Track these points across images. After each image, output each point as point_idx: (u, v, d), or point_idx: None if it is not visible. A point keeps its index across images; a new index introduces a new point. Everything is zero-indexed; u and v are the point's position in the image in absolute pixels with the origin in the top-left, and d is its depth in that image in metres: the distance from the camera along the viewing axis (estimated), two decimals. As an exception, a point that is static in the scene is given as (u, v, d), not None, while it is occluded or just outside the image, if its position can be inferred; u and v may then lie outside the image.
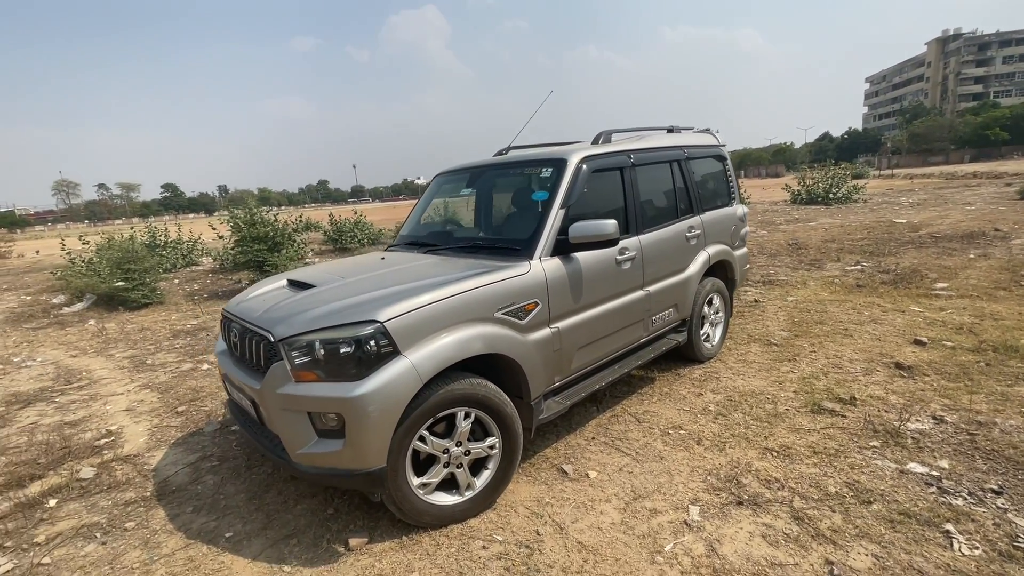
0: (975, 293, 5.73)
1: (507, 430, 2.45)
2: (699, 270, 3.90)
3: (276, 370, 2.14)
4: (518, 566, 2.11)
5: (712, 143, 4.33)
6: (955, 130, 59.57)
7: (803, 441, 2.88)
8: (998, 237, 8.87)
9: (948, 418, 2.97)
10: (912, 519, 2.19)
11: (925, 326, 4.70)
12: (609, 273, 3.08)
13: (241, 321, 2.48)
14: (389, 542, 2.30)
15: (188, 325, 6.83)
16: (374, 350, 2.07)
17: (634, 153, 3.39)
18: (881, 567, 1.96)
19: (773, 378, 3.80)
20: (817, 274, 7.34)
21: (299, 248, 10.42)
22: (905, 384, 3.51)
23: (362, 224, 14.10)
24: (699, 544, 2.17)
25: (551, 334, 2.71)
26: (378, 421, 2.04)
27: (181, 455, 3.25)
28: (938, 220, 11.51)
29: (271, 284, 2.88)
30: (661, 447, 2.97)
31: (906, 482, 2.44)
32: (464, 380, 2.32)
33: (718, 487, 2.55)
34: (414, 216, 3.88)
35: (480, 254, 2.89)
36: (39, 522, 2.60)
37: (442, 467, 2.34)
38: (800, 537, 2.16)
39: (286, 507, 2.62)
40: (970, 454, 2.61)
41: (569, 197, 2.87)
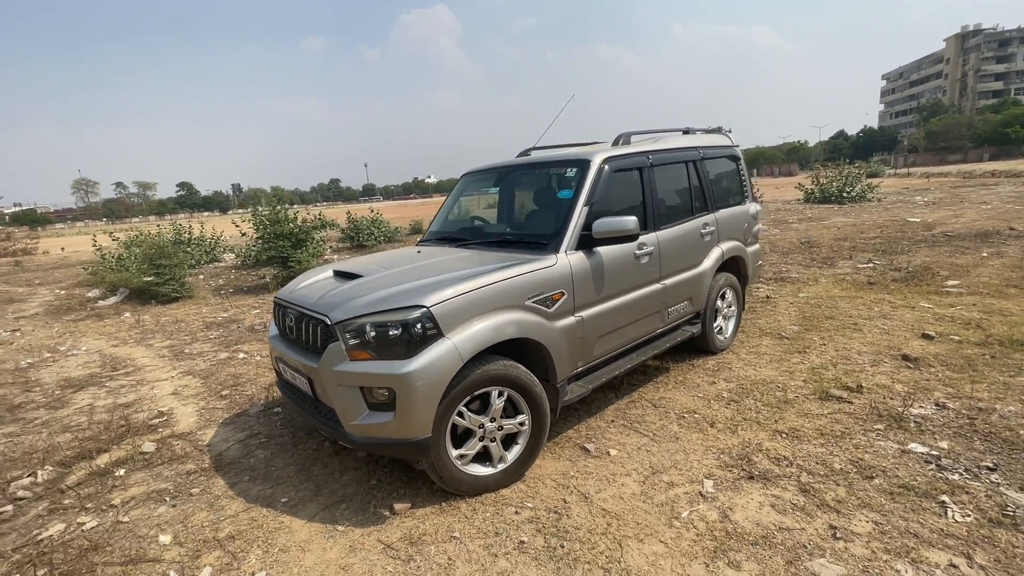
0: (986, 290, 5.83)
1: (536, 408, 2.68)
2: (713, 265, 4.10)
3: (333, 350, 2.39)
4: (548, 528, 2.33)
5: (726, 143, 4.52)
6: (974, 128, 58.63)
7: (811, 424, 3.07)
8: (1012, 236, 8.91)
9: (950, 404, 3.14)
10: (911, 492, 2.38)
11: (934, 321, 4.84)
12: (629, 266, 3.29)
13: (297, 307, 2.73)
14: (430, 507, 2.54)
15: (219, 317, 7.15)
16: (420, 332, 2.31)
17: (652, 154, 3.59)
18: (880, 531, 2.15)
19: (783, 368, 3.98)
20: (829, 271, 7.47)
21: (318, 245, 10.74)
22: (911, 374, 3.68)
23: (378, 222, 14.40)
24: (713, 512, 2.38)
25: (575, 322, 2.93)
26: (424, 395, 2.28)
27: (231, 433, 3.52)
28: (952, 219, 11.52)
29: (319, 275, 3.14)
30: (677, 429, 3.18)
31: (907, 460, 2.63)
32: (498, 362, 2.55)
33: (730, 464, 2.76)
34: (443, 213, 4.12)
35: (509, 248, 3.12)
36: (112, 488, 2.88)
37: (477, 440, 2.58)
38: (806, 506, 2.36)
39: (333, 478, 2.87)
40: (969, 436, 2.79)
41: (592, 195, 3.08)
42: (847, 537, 2.14)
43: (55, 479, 3.01)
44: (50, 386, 4.73)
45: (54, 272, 13.89)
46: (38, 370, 5.25)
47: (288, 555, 2.26)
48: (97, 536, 2.46)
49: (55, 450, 3.38)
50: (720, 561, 2.07)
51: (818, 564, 2.00)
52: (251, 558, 2.25)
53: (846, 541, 2.12)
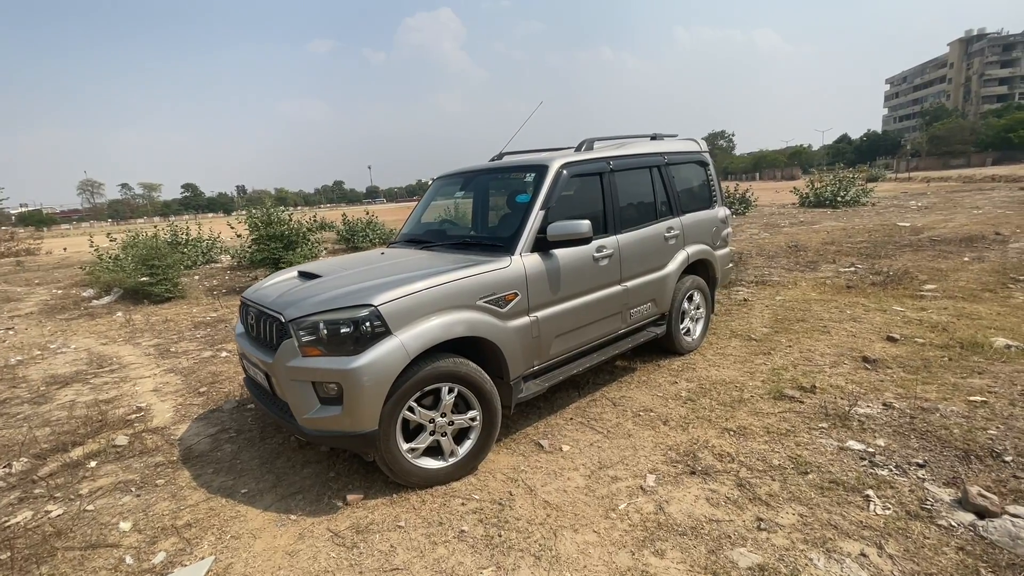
0: (960, 294, 5.91)
1: (487, 405, 2.78)
2: (678, 268, 4.20)
3: (286, 346, 2.51)
4: (490, 518, 2.44)
5: (695, 149, 4.62)
6: (977, 132, 58.45)
7: (760, 423, 3.17)
8: (997, 241, 8.97)
9: (896, 404, 3.23)
10: (840, 486, 2.47)
11: (902, 324, 4.92)
12: (587, 269, 3.39)
13: (257, 306, 2.85)
14: (381, 499, 2.64)
15: (208, 317, 7.28)
16: (369, 330, 2.42)
17: (613, 159, 3.70)
18: (803, 523, 2.25)
19: (746, 369, 4.07)
20: (811, 275, 7.55)
21: (313, 247, 10.90)
22: (867, 375, 3.77)
23: (374, 224, 14.57)
24: (649, 504, 2.47)
25: (530, 322, 3.04)
26: (371, 390, 2.38)
27: (202, 428, 3.64)
28: (941, 224, 11.58)
29: (284, 275, 3.26)
30: (631, 426, 3.28)
31: (843, 457, 2.72)
32: (448, 359, 2.65)
33: (676, 460, 2.85)
34: (415, 216, 4.24)
35: (468, 250, 3.23)
36: (82, 479, 3.00)
37: (428, 435, 2.68)
38: (739, 500, 2.45)
39: (294, 470, 2.98)
40: (906, 434, 2.87)
41: (549, 199, 3.19)
42: (771, 528, 2.23)
43: (29, 470, 3.14)
44: (36, 382, 4.86)
45: (54, 272, 14.09)
46: (27, 367, 5.39)
47: (239, 541, 2.37)
48: (61, 523, 2.58)
49: (33, 443, 3.50)
50: (646, 550, 2.16)
51: (737, 553, 2.09)
52: (204, 544, 2.36)
53: (769, 532, 2.21)
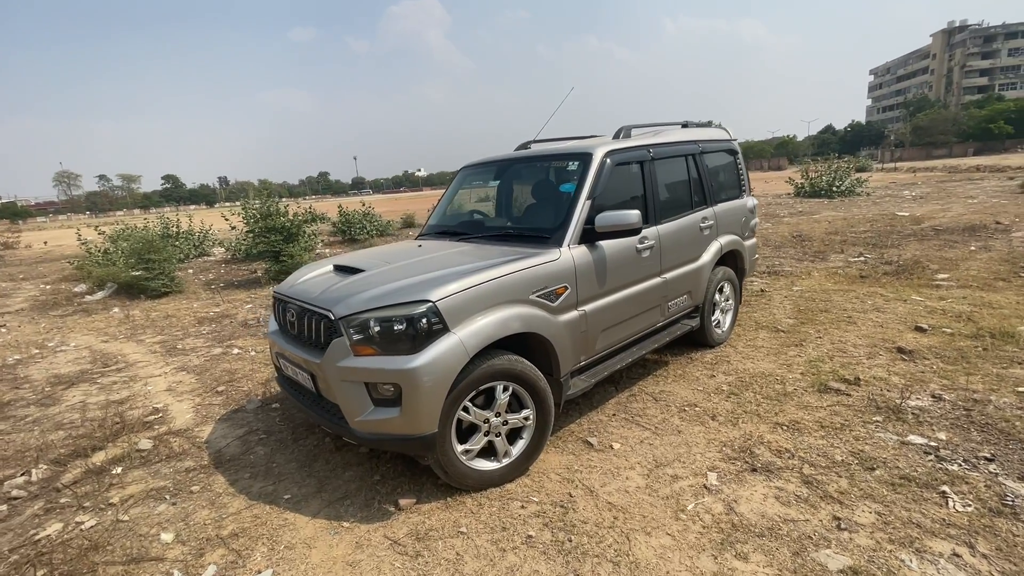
0: (975, 284, 5.93)
1: (541, 403, 2.67)
2: (711, 259, 4.11)
3: (337, 345, 2.36)
4: (555, 522, 2.34)
5: (724, 137, 4.52)
6: (959, 123, 59.47)
7: (811, 417, 3.11)
8: (999, 230, 9.06)
9: (946, 396, 3.19)
10: (911, 482, 2.41)
11: (926, 314, 4.91)
12: (630, 260, 3.28)
13: (299, 302, 2.69)
14: (435, 502, 2.53)
15: (211, 313, 7.05)
16: (426, 327, 2.29)
17: (653, 147, 3.59)
18: (883, 521, 2.18)
19: (781, 361, 4.02)
20: (821, 265, 7.55)
21: (309, 239, 10.64)
22: (906, 367, 3.73)
23: (370, 216, 14.30)
24: (718, 504, 2.39)
25: (578, 316, 2.93)
26: (431, 390, 2.26)
27: (229, 429, 3.48)
28: (940, 213, 11.69)
29: (318, 269, 3.09)
30: (678, 422, 3.20)
31: (906, 451, 2.67)
32: (503, 356, 2.53)
33: (733, 457, 2.78)
34: (441, 206, 4.09)
35: (511, 242, 3.10)
36: (110, 486, 2.83)
37: (482, 435, 2.57)
38: (810, 498, 2.38)
39: (335, 474, 2.85)
40: (966, 427, 2.83)
41: (595, 189, 3.07)
42: (851, 528, 2.16)
43: (50, 478, 2.96)
44: (40, 383, 4.63)
45: (38, 267, 13.61)
46: (27, 367, 5.15)
47: (294, 552, 2.24)
48: (97, 535, 2.42)
49: (49, 448, 3.31)
50: (727, 553, 2.08)
51: (824, 555, 2.02)
52: (256, 556, 2.23)
53: (850, 532, 2.14)
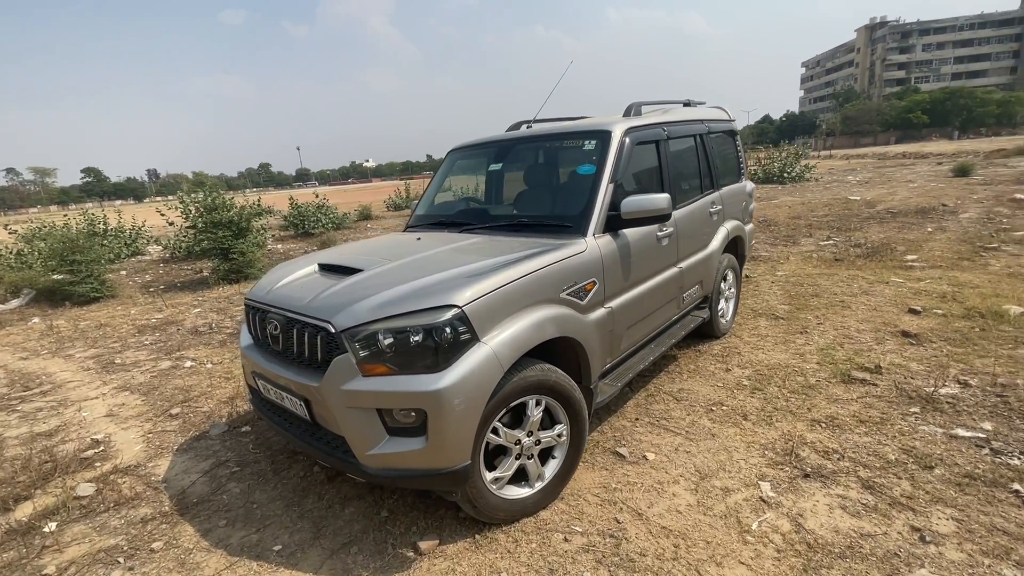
0: (943, 264, 6.09)
1: (575, 416, 2.33)
2: (720, 246, 3.89)
3: (340, 364, 1.91)
4: (609, 557, 2.01)
5: (725, 118, 4.30)
6: (882, 113, 63.68)
7: (845, 411, 2.93)
8: (947, 212, 9.50)
9: (972, 382, 3.11)
10: (978, 481, 2.26)
11: (912, 296, 4.93)
12: (652, 250, 2.99)
13: (282, 311, 2.20)
14: (462, 542, 2.14)
15: (153, 320, 6.25)
16: (452, 337, 1.88)
17: (667, 126, 3.29)
18: (967, 530, 2.00)
19: (792, 351, 3.86)
20: (795, 249, 7.61)
21: (258, 235, 9.77)
22: (917, 351, 3.66)
23: (325, 208, 13.42)
24: (783, 520, 2.14)
25: (606, 314, 2.60)
26: (463, 415, 1.86)
27: (191, 463, 2.93)
28: (888, 197, 12.22)
29: (299, 269, 2.59)
30: (709, 424, 2.95)
31: (958, 445, 2.52)
32: (535, 366, 2.17)
33: (779, 461, 2.55)
34: (429, 194, 3.64)
35: (526, 232, 2.72)
36: (42, 550, 2.25)
37: (513, 459, 2.20)
38: (878, 506, 2.18)
39: (333, 512, 2.40)
40: (1007, 415, 2.73)
41: (617, 171, 2.73)
42: (936, 540, 1.96)
43: (-42, 544, 2.34)
44: (-59, 415, 3.83)
45: (-66, 272, 11.87)
46: (-78, 395, 4.28)
47: (298, 625, 1.80)
48: (28, 623, 1.88)
49: (-45, 502, 2.65)
50: (815, 582, 1.83)
51: (921, 576, 1.80)
52: (249, 635, 1.77)
53: (936, 545, 1.94)
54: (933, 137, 55.90)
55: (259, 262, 8.49)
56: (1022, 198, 9.99)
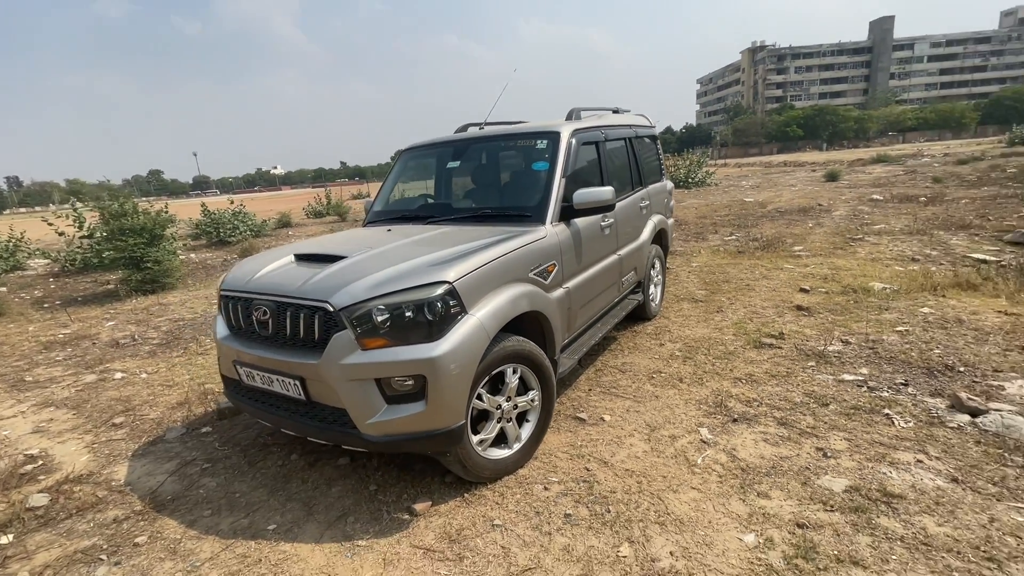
0: (822, 252, 7.16)
1: (546, 383, 2.62)
2: (649, 236, 4.40)
3: (339, 340, 2.05)
4: (585, 497, 2.31)
5: (648, 124, 4.85)
6: (765, 127, 71.40)
7: (760, 369, 3.49)
8: (823, 210, 11.04)
9: (851, 340, 3.82)
10: (860, 410, 2.85)
11: (801, 278, 5.80)
12: (598, 237, 3.37)
13: (271, 297, 2.28)
14: (453, 501, 2.34)
15: (60, 335, 5.70)
16: (443, 310, 2.10)
17: (604, 129, 3.71)
18: (855, 445, 2.54)
19: (712, 326, 4.45)
20: (704, 244, 8.51)
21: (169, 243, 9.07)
22: (809, 320, 4.38)
23: (243, 214, 12.71)
24: (721, 454, 2.58)
25: (564, 293, 2.93)
26: (459, 377, 2.08)
27: (152, 465, 2.84)
28: (776, 199, 13.90)
29: (275, 261, 2.64)
30: (652, 388, 3.37)
31: (845, 387, 3.13)
32: (512, 338, 2.43)
33: (712, 412, 3.01)
34: (385, 192, 3.78)
35: (490, 222, 2.98)
36: (5, 560, 2.13)
37: (495, 423, 2.44)
38: (791, 436, 2.68)
39: (320, 492, 2.49)
40: (877, 362, 3.42)
41: (567, 167, 3.08)
42: (834, 455, 2.48)
43: None
44: None
45: None
46: None
47: (313, 585, 1.91)
48: (15, 624, 1.81)
49: None
50: (751, 494, 2.25)
51: (826, 480, 2.29)
52: (265, 599, 1.86)
53: (835, 458, 2.45)
54: (807, 148, 63.59)
55: (177, 271, 7.96)
56: (878, 198, 11.86)
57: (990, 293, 4.70)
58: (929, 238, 7.34)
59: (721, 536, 2.02)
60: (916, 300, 4.60)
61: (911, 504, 2.10)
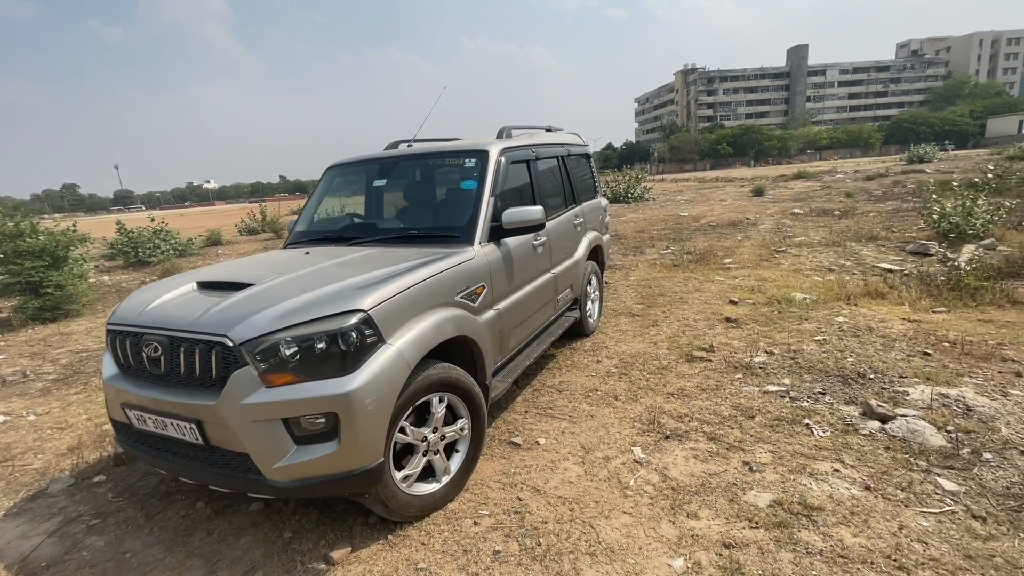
0: (750, 264, 7.54)
1: (476, 410, 2.52)
2: (584, 253, 4.42)
3: (239, 378, 1.86)
4: (516, 530, 2.22)
5: (581, 143, 4.92)
6: (699, 144, 75.55)
7: (691, 383, 3.55)
8: (750, 224, 11.69)
9: (775, 351, 3.98)
10: (783, 422, 2.94)
11: (730, 290, 6.05)
12: (529, 257, 3.33)
13: (163, 331, 2.05)
14: (375, 545, 2.18)
15: (-67, 374, 4.99)
16: (358, 340, 1.96)
17: (535, 147, 3.71)
18: (778, 457, 2.60)
19: (648, 340, 4.52)
20: (642, 258, 8.75)
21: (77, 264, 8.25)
22: (737, 332, 4.54)
23: (164, 233, 11.85)
24: (653, 474, 2.57)
25: (495, 315, 2.85)
26: (376, 413, 1.94)
27: (28, 526, 2.49)
28: (708, 213, 14.60)
29: (174, 289, 2.40)
30: (588, 408, 3.34)
31: (769, 398, 3.24)
32: (437, 365, 2.32)
33: (646, 429, 3.01)
34: (308, 211, 3.58)
35: (416, 243, 2.87)
36: None
37: (421, 456, 2.31)
38: (719, 451, 2.72)
39: (227, 545, 2.25)
40: (798, 372, 3.56)
41: (496, 186, 3.03)
42: (759, 468, 2.53)
43: None
44: None
45: None
46: None
47: (206, 659, 1.69)
48: None
49: None
50: (680, 515, 2.24)
51: (752, 495, 2.32)
52: None
53: (759, 472, 2.50)
54: (737, 165, 67.75)
55: (83, 296, 7.25)
56: (799, 212, 12.70)
57: (895, 301, 5.08)
58: (843, 249, 7.90)
59: (651, 563, 1.98)
60: (832, 309, 4.89)
61: (829, 515, 2.15)
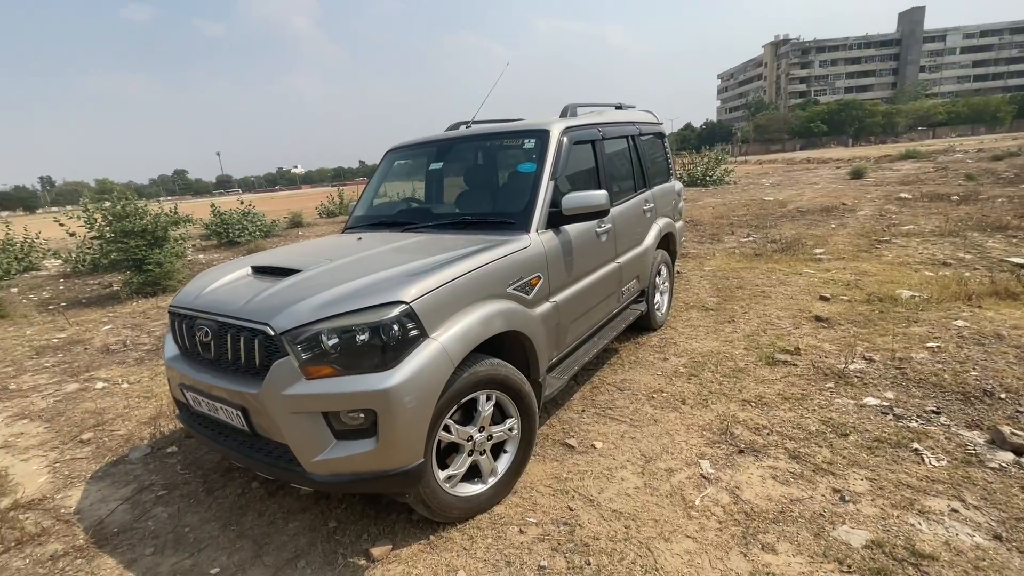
0: (846, 256, 6.73)
1: (526, 410, 2.36)
2: (654, 242, 4.09)
3: (281, 368, 1.82)
4: (564, 544, 2.05)
5: (655, 121, 4.53)
6: (788, 123, 69.65)
7: (772, 390, 3.17)
8: (847, 210, 10.52)
9: (876, 357, 3.46)
10: (885, 443, 2.51)
11: (822, 284, 5.41)
12: (592, 245, 3.09)
13: (213, 316, 2.06)
14: (416, 545, 2.10)
15: (54, 340, 5.63)
16: (400, 334, 1.85)
17: (602, 127, 3.42)
18: (878, 487, 2.22)
19: (722, 339, 4.12)
20: (719, 246, 8.12)
21: (176, 244, 9.02)
22: (829, 333, 4.02)
23: (251, 215, 12.70)
24: (723, 494, 2.28)
25: (551, 308, 2.66)
26: (414, 412, 1.83)
27: (108, 490, 2.67)
28: (797, 197, 13.35)
29: (230, 273, 2.44)
30: (651, 410, 3.08)
31: (867, 413, 2.80)
32: (485, 361, 2.17)
33: (716, 440, 2.71)
34: (368, 196, 3.55)
35: (469, 230, 2.72)
36: (-74, 603, 1.97)
37: (466, 456, 2.18)
38: (804, 473, 2.37)
39: (275, 528, 2.27)
40: (904, 385, 3.06)
41: (556, 168, 2.81)
42: (853, 499, 2.16)
43: None
44: None
45: None
46: None
47: (243, 649, 1.69)
48: None
49: None
50: (754, 547, 1.95)
51: (843, 531, 1.98)
52: (187, 665, 1.64)
53: (854, 503, 2.14)
54: (832, 144, 61.85)
55: (179, 273, 7.89)
56: (907, 197, 11.26)
57: (1033, 304, 4.27)
58: (962, 240, 6.85)
59: (716, 601, 1.74)
60: (949, 311, 4.20)
61: (945, 568, 1.78)
